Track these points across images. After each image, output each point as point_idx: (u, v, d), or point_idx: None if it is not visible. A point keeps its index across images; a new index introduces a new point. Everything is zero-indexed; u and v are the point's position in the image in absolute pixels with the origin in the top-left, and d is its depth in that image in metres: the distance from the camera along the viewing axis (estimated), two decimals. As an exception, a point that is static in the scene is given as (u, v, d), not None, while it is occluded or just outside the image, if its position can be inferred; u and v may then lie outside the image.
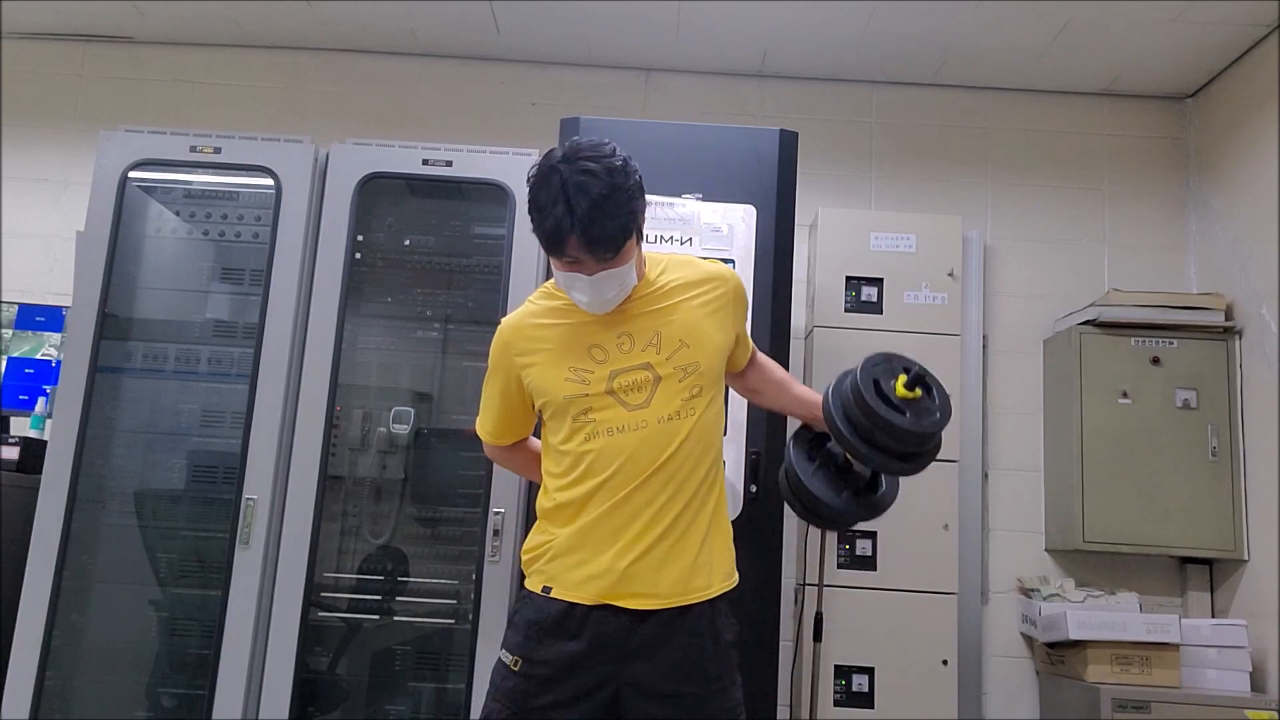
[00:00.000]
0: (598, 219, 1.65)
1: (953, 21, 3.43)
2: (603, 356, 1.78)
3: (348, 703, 2.90)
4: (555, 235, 1.67)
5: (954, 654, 3.16)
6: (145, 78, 3.91)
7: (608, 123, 2.83)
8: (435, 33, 3.76)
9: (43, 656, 2.70)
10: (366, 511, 2.96)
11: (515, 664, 1.73)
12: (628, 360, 1.77)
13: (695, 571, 1.76)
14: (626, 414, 1.74)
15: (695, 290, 1.84)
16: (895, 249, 3.39)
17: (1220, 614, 3.37)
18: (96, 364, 2.84)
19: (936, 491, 3.24)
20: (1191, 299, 3.48)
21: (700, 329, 1.81)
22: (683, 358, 1.77)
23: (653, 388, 1.76)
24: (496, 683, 1.76)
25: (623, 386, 1.76)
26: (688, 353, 1.78)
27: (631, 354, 1.77)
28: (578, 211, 1.63)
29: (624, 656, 1.72)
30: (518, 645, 1.75)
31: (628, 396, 1.75)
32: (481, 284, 3.01)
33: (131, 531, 2.89)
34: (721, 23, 3.54)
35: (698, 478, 1.78)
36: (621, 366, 1.77)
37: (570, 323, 1.82)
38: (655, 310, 1.81)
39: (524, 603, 1.80)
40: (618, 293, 1.76)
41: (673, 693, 1.72)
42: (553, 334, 1.82)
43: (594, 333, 1.80)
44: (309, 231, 2.90)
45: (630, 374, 1.76)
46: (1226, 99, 3.62)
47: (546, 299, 1.88)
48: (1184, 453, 3.33)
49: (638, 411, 1.74)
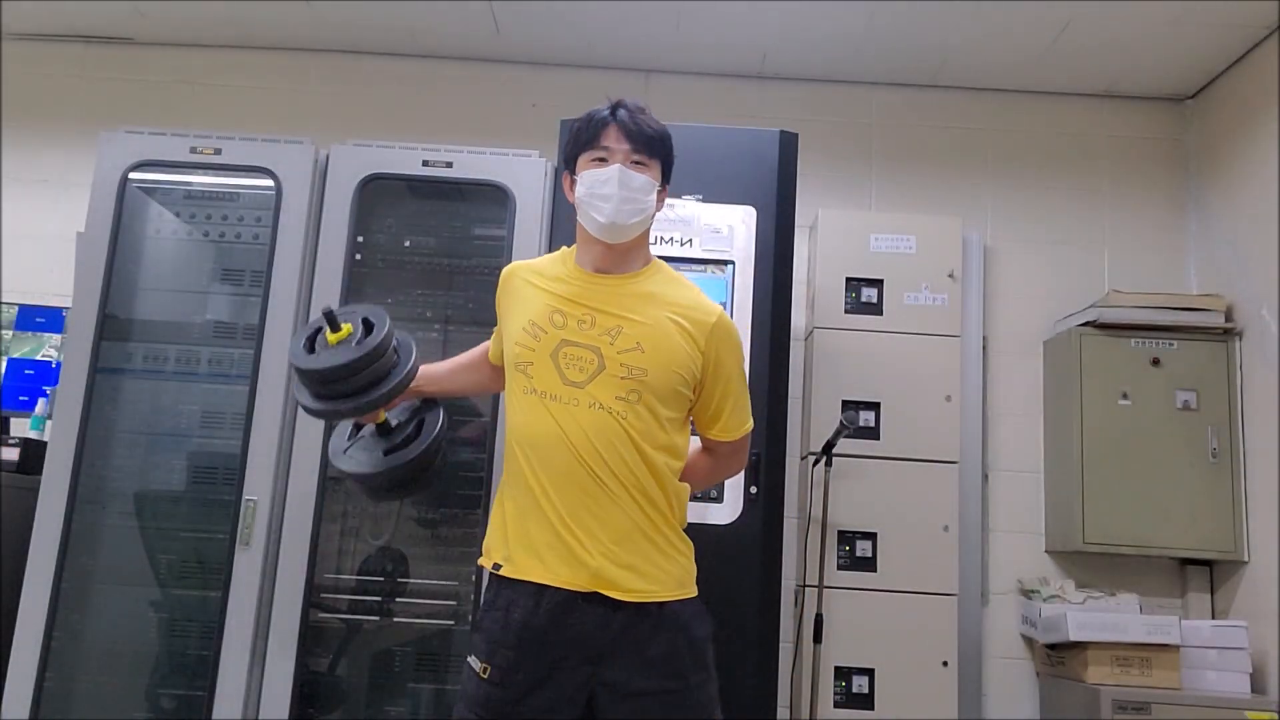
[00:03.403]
0: (639, 116, 1.82)
1: (953, 22, 3.43)
2: (560, 323, 1.80)
3: (347, 704, 2.90)
4: (594, 123, 1.81)
5: (954, 655, 3.16)
6: (145, 78, 3.91)
7: (608, 124, 2.82)
8: (435, 33, 3.76)
9: (43, 657, 2.70)
10: (366, 512, 2.96)
11: (484, 671, 1.74)
12: (580, 337, 1.79)
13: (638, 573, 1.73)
14: (561, 385, 1.76)
15: (681, 312, 1.82)
16: (895, 250, 3.39)
17: (1220, 615, 3.37)
18: (97, 365, 2.84)
19: (936, 492, 3.24)
20: (1191, 300, 3.48)
21: (667, 343, 1.78)
22: (633, 359, 1.76)
23: (594, 373, 1.76)
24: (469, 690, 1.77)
25: (566, 359, 1.77)
26: (640, 357, 1.76)
27: (587, 334, 1.79)
28: (625, 104, 1.82)
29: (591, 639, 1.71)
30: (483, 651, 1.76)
31: (567, 370, 1.77)
32: (481, 285, 3.00)
33: (132, 532, 2.89)
34: (721, 23, 3.54)
35: (632, 478, 1.74)
36: (573, 340, 1.79)
37: (552, 288, 1.86)
38: (631, 307, 1.81)
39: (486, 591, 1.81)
40: (637, 204, 1.79)
41: (651, 691, 1.72)
42: (532, 292, 1.87)
43: (562, 302, 1.83)
44: (309, 232, 2.90)
45: (577, 350, 1.78)
46: (1226, 100, 3.62)
47: (551, 263, 1.94)
48: (1184, 454, 3.33)
49: (571, 388, 1.76)
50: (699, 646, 1.77)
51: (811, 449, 3.25)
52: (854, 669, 3.15)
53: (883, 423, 3.28)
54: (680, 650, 1.74)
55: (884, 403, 3.29)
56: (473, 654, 1.77)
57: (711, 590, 1.86)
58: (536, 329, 1.81)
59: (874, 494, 3.23)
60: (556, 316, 1.81)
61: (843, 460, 3.16)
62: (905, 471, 3.25)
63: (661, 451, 1.78)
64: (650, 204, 1.82)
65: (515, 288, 1.93)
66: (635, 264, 1.87)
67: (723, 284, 2.74)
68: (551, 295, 1.85)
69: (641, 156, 1.80)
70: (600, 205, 1.78)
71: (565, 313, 1.81)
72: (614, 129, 1.80)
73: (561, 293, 1.84)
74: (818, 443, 3.16)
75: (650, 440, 1.76)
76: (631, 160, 1.80)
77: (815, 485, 3.13)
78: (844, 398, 3.28)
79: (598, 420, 1.74)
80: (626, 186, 1.78)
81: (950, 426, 3.29)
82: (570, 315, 1.81)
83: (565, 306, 1.82)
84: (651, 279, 1.87)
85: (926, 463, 3.26)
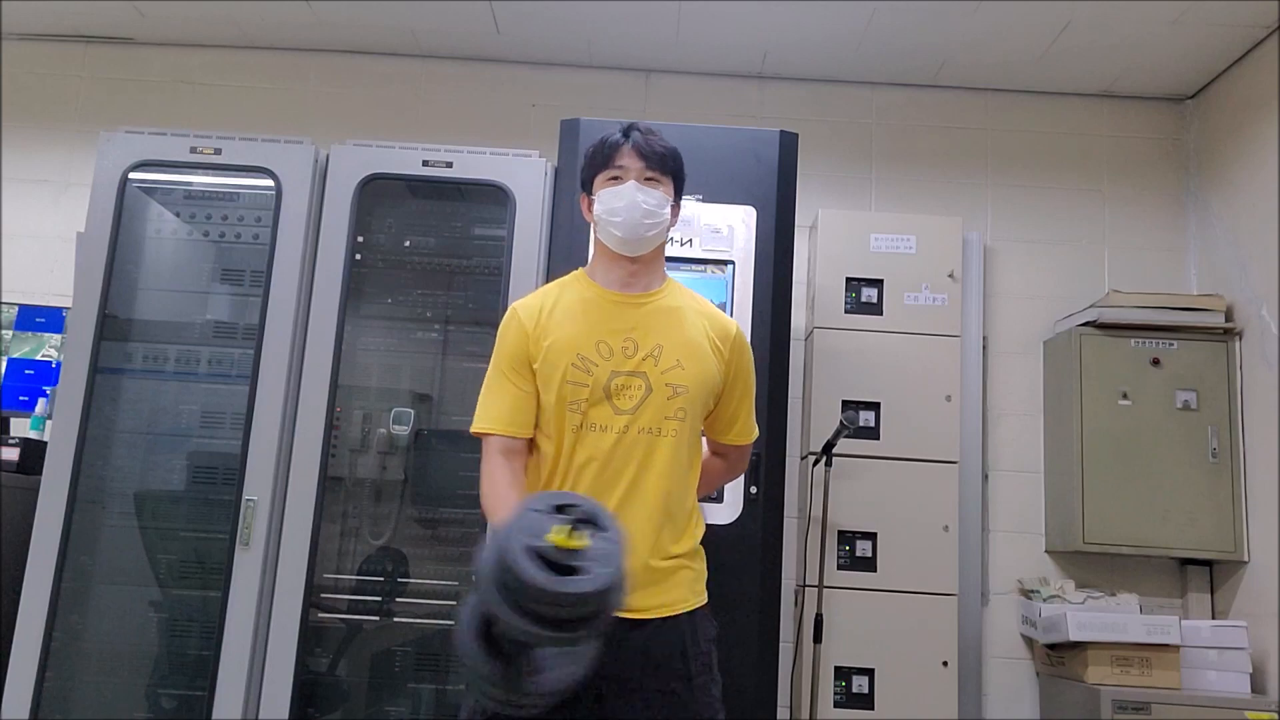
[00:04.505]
0: (653, 139, 1.88)
1: (953, 22, 3.43)
2: (608, 353, 1.81)
3: (348, 704, 2.90)
4: (608, 145, 1.87)
5: (954, 655, 3.16)
6: (145, 79, 3.91)
7: (608, 124, 2.82)
8: (435, 33, 3.76)
9: (43, 657, 2.70)
10: (366, 512, 2.96)
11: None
12: (627, 365, 1.80)
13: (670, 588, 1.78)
14: (613, 415, 1.78)
15: (706, 324, 1.90)
16: (895, 250, 3.39)
17: (1220, 615, 3.37)
18: (97, 365, 2.84)
19: (936, 492, 3.24)
20: (1191, 300, 3.48)
21: (702, 357, 1.85)
22: (675, 377, 1.81)
23: (643, 398, 1.79)
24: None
25: (617, 389, 1.79)
26: (681, 374, 1.81)
27: (633, 359, 1.81)
28: (639, 127, 1.89)
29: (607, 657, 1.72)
30: None
31: (618, 400, 1.79)
32: (481, 285, 3.01)
33: (131, 532, 2.89)
34: (722, 23, 3.54)
35: (670, 496, 1.79)
36: (621, 369, 1.80)
37: (584, 315, 1.85)
38: (664, 326, 1.85)
39: None
40: (652, 219, 1.84)
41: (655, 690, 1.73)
42: (567, 319, 1.84)
43: (603, 330, 1.82)
44: (309, 232, 2.90)
45: (626, 379, 1.80)
46: (1226, 100, 3.62)
47: (559, 289, 1.93)
48: (1184, 454, 3.33)
49: (622, 416, 1.78)
50: (705, 647, 1.79)
51: (811, 449, 3.25)
52: (854, 669, 3.15)
53: (883, 423, 3.28)
54: (686, 651, 1.76)
55: (884, 403, 3.29)
56: None
57: (712, 590, 1.87)
58: (587, 363, 1.80)
59: (874, 494, 3.23)
60: (603, 347, 1.82)
61: (843, 460, 3.16)
62: (905, 471, 3.25)
63: (694, 469, 1.87)
64: (665, 217, 1.87)
65: (545, 317, 1.85)
66: (656, 281, 1.91)
67: (723, 284, 2.74)
68: (586, 322, 1.84)
69: (654, 174, 1.86)
70: (618, 220, 1.83)
71: (609, 343, 1.82)
72: (627, 149, 1.86)
73: (596, 318, 1.84)
74: (818, 443, 3.16)
75: (689, 457, 1.84)
76: (645, 177, 1.86)
77: (815, 485, 3.13)
78: (844, 398, 3.28)
79: (645, 445, 1.78)
80: (642, 201, 1.83)
81: (950, 426, 3.29)
82: (614, 345, 1.82)
83: (607, 336, 1.82)
84: (673, 294, 1.92)
85: (926, 463, 3.26)
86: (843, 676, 3.14)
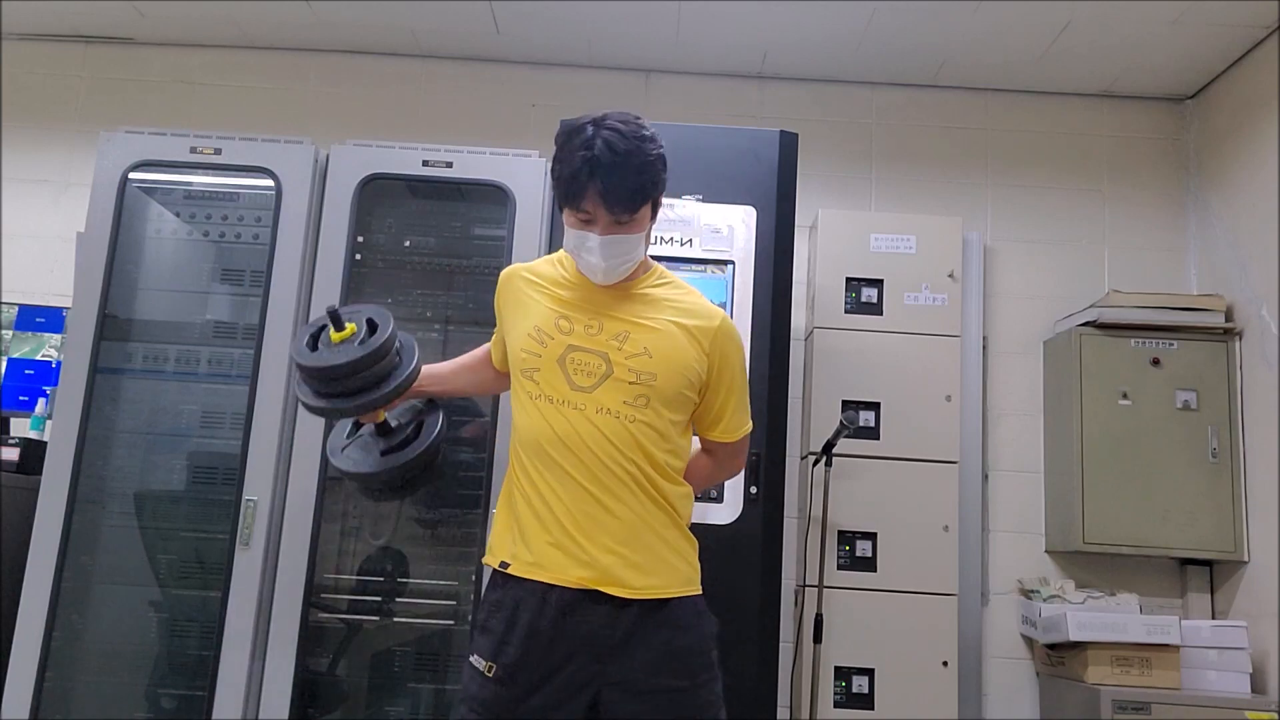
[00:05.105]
0: (619, 170, 1.70)
1: (953, 22, 3.43)
2: (567, 328, 1.81)
3: (347, 704, 2.90)
4: (574, 182, 1.73)
5: (954, 655, 3.16)
6: (145, 78, 3.91)
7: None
8: (435, 33, 3.76)
9: (43, 657, 2.70)
10: (366, 512, 2.95)
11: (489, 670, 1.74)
12: (587, 343, 1.80)
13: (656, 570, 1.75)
14: (569, 391, 1.77)
15: (686, 316, 1.84)
16: (895, 250, 3.39)
17: (1220, 615, 3.37)
18: (97, 365, 2.84)
19: (936, 492, 3.24)
20: (1191, 300, 3.48)
21: (674, 348, 1.80)
22: (640, 364, 1.77)
23: (602, 378, 1.77)
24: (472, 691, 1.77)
25: (574, 364, 1.78)
26: (648, 362, 1.78)
27: (594, 339, 1.80)
28: (601, 160, 1.69)
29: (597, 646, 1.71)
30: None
31: (575, 376, 1.78)
32: (482, 285, 3.01)
33: (131, 532, 2.89)
34: (721, 23, 3.54)
35: (638, 479, 1.76)
36: (580, 345, 1.79)
37: (555, 293, 1.86)
38: (636, 313, 1.82)
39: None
40: (625, 262, 1.80)
41: (659, 689, 1.72)
42: (535, 296, 1.88)
43: (568, 307, 1.84)
44: (309, 232, 2.90)
45: (585, 355, 1.79)
46: (1226, 100, 3.62)
47: (549, 265, 1.93)
48: (1184, 454, 3.33)
49: (579, 393, 1.77)
50: (705, 645, 1.78)
51: (811, 449, 3.25)
52: (854, 669, 3.15)
53: (883, 423, 3.28)
54: (688, 649, 1.75)
55: (884, 403, 3.29)
56: (475, 653, 1.76)
57: (712, 590, 1.86)
58: (543, 335, 1.81)
59: (874, 494, 3.23)
60: (563, 322, 1.82)
61: (843, 460, 3.16)
62: (905, 471, 3.25)
63: (666, 454, 1.80)
64: (639, 252, 1.82)
65: (515, 291, 1.92)
66: (641, 270, 1.88)
67: (723, 284, 2.74)
68: (556, 299, 1.85)
69: (624, 216, 1.75)
70: (588, 259, 1.79)
71: (571, 318, 1.82)
72: (592, 190, 1.71)
73: (566, 297, 1.85)
74: (818, 443, 3.16)
75: (656, 443, 1.78)
76: (615, 224, 1.75)
77: (815, 485, 3.13)
78: (844, 398, 3.28)
79: (604, 424, 1.75)
80: (612, 254, 1.78)
81: (950, 426, 3.29)
82: (577, 320, 1.81)
83: (571, 312, 1.83)
84: (654, 284, 1.88)
85: (926, 463, 3.26)
86: (843, 676, 3.15)
